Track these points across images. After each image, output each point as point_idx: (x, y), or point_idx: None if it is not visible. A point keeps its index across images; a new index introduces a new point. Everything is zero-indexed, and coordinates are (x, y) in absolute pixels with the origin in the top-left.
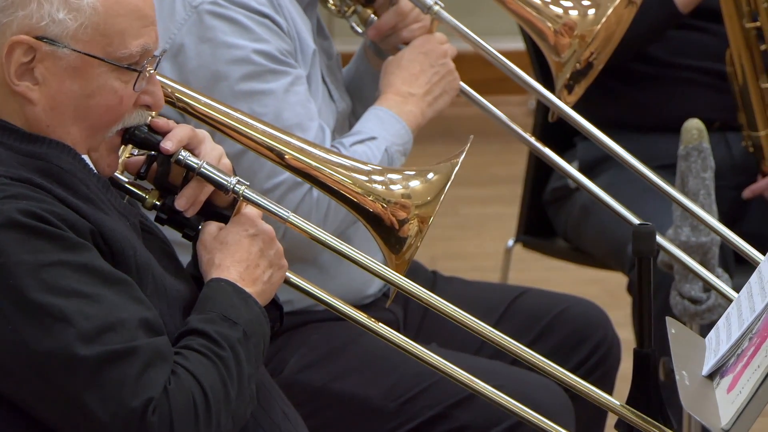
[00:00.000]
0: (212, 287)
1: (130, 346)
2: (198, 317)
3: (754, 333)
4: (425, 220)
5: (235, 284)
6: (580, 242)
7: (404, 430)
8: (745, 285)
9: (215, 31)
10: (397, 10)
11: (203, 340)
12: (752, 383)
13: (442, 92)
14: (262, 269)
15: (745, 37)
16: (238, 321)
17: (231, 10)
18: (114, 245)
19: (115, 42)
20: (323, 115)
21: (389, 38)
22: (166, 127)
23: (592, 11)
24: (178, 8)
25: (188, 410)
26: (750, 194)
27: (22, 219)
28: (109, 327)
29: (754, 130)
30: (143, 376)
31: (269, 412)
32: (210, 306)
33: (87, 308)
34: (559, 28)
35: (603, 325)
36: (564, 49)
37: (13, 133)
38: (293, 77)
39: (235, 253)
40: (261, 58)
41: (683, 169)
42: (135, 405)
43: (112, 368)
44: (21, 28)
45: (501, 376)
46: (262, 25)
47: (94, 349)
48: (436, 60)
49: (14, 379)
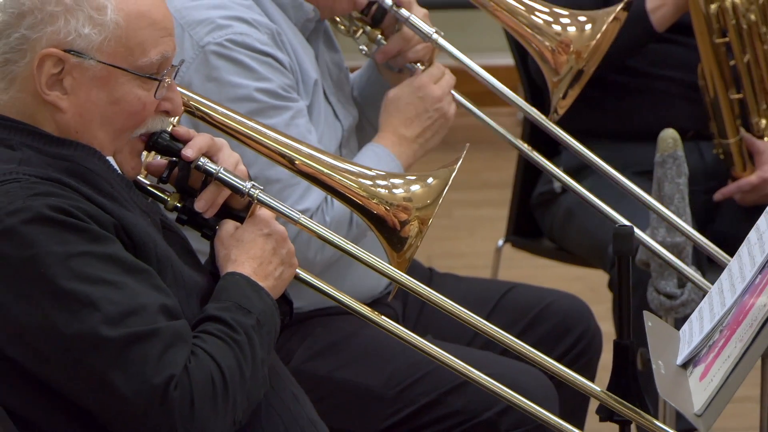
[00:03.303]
0: (228, 279)
1: (152, 329)
2: (215, 305)
3: (725, 326)
4: (425, 221)
5: (249, 277)
6: (564, 242)
7: (402, 415)
8: (716, 282)
9: (220, 71)
10: (402, 36)
11: (220, 325)
12: (723, 372)
13: (433, 134)
14: (274, 266)
15: (715, 52)
16: (251, 310)
17: (235, 51)
18: (136, 238)
19: (136, 53)
20: (326, 137)
21: (396, 59)
22: (187, 135)
23: (589, 26)
24: (187, 47)
25: (207, 387)
26: (721, 197)
27: (51, 214)
28: (132, 311)
29: (725, 138)
30: (164, 355)
31: (280, 393)
32: (225, 296)
33: (111, 294)
34: (556, 46)
35: (585, 318)
36: (561, 67)
37: (44, 138)
38: (294, 111)
39: (249, 249)
40: (263, 96)
41: (659, 175)
42: (157, 382)
43: (135, 348)
44: (50, 42)
45: (491, 364)
46: (265, 64)
47: (118, 331)
48: (431, 105)
49: (46, 359)
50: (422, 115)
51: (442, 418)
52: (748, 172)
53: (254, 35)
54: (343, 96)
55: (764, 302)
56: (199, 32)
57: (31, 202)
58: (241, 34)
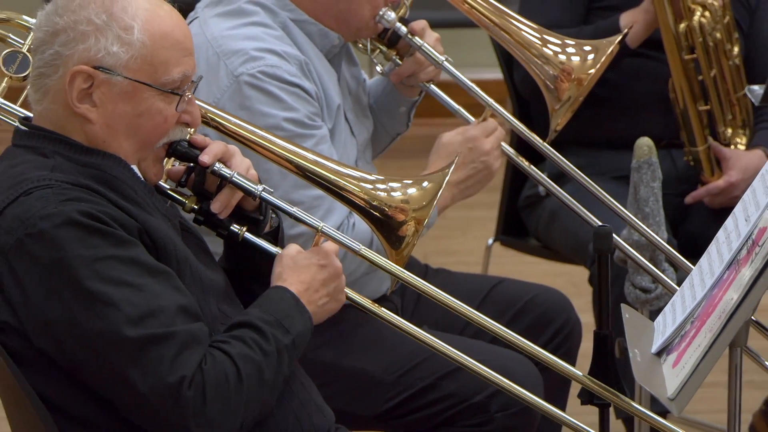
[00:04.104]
0: (277, 292)
1: (168, 331)
2: (258, 315)
3: (696, 317)
4: (421, 221)
5: (298, 298)
6: (548, 241)
7: (401, 398)
8: (687, 277)
9: (252, 100)
10: (415, 60)
11: (256, 335)
12: (694, 359)
13: (475, 183)
14: (320, 295)
15: (684, 67)
16: (290, 330)
17: (266, 83)
18: (158, 242)
19: (160, 70)
20: (346, 155)
21: (410, 78)
22: (203, 143)
23: (591, 57)
24: (222, 76)
25: (221, 387)
26: (691, 200)
27: (80, 218)
28: (150, 313)
29: (694, 146)
30: (179, 357)
31: (289, 381)
32: (271, 307)
33: (133, 296)
34: (559, 74)
35: (567, 309)
36: (563, 94)
37: (74, 147)
38: (317, 138)
39: (300, 274)
40: (290, 125)
41: (635, 180)
42: (171, 381)
43: (152, 349)
44: (81, 59)
45: (482, 351)
46: (293, 95)
47: (137, 332)
48: (478, 156)
49: (71, 353)
50: (468, 164)
51: (437, 401)
52: (716, 177)
53: (284, 67)
54: (360, 109)
55: (731, 296)
56: (233, 62)
57: (63, 207)
58: (272, 66)
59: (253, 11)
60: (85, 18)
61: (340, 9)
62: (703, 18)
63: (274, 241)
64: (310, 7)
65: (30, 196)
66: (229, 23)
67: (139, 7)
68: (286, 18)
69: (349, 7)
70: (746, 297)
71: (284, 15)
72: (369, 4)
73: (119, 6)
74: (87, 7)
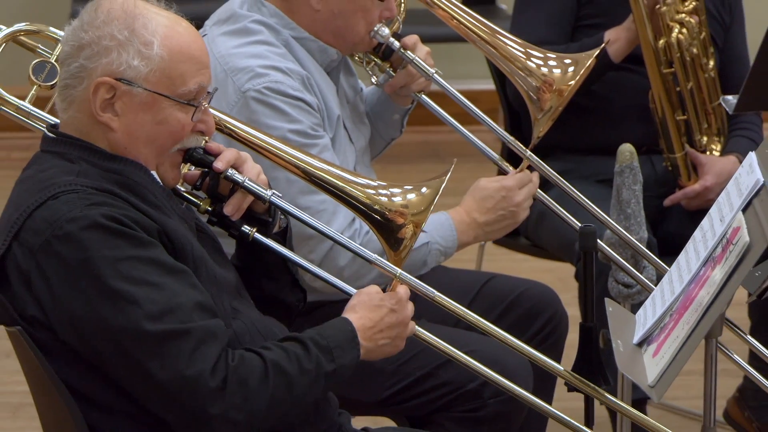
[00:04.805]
0: (341, 322)
1: (186, 327)
2: (312, 335)
3: (674, 311)
4: (419, 225)
5: (357, 334)
6: (537, 240)
7: (400, 386)
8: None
9: (258, 114)
10: (407, 72)
11: (301, 350)
12: (672, 349)
13: (499, 229)
14: (382, 336)
15: (663, 80)
16: (336, 360)
17: (271, 97)
18: (176, 242)
19: (177, 82)
20: (345, 160)
21: (402, 89)
22: (217, 150)
23: (571, 69)
24: (230, 92)
25: (242, 384)
26: (669, 203)
27: (104, 221)
28: (169, 310)
29: (672, 153)
30: (196, 351)
31: None
32: (327, 333)
33: (153, 294)
34: (541, 85)
35: (554, 303)
36: (545, 104)
37: (98, 154)
38: (320, 147)
39: (371, 312)
40: (295, 136)
41: (618, 183)
42: (188, 374)
43: (171, 343)
44: (104, 71)
45: (476, 343)
46: (296, 107)
47: (157, 327)
48: (508, 205)
49: (94, 347)
50: (498, 211)
51: (434, 388)
52: (693, 182)
53: (287, 82)
54: (357, 116)
55: (707, 291)
56: (240, 79)
57: (88, 210)
58: (277, 82)
59: (257, 30)
60: (109, 33)
61: (337, 25)
62: (680, 35)
63: (282, 242)
64: (310, 25)
65: (57, 199)
66: (235, 41)
67: (159, 24)
68: (288, 36)
69: (345, 24)
70: (721, 292)
71: (286, 33)
72: (364, 20)
73: (140, 23)
74: (110, 23)
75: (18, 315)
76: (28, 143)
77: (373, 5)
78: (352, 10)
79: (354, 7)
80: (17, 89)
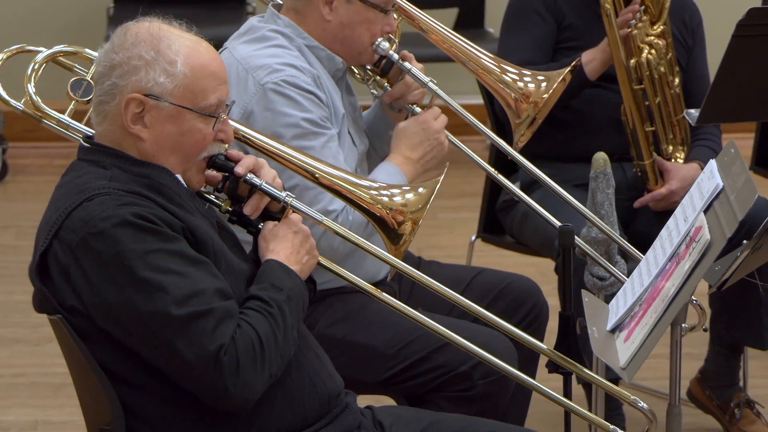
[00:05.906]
0: (265, 265)
1: (208, 308)
2: (256, 287)
3: (643, 301)
4: (416, 222)
5: (281, 262)
6: (521, 238)
7: (398, 368)
8: (636, 268)
9: (275, 103)
10: (404, 82)
11: (258, 302)
12: (642, 335)
13: (432, 158)
14: (301, 255)
15: (634, 95)
16: (282, 287)
17: (286, 89)
18: (198, 237)
19: (199, 97)
20: (348, 158)
21: (398, 100)
22: (238, 156)
23: (544, 84)
24: (250, 85)
25: (249, 351)
26: (639, 205)
27: (133, 219)
28: (193, 294)
29: (641, 160)
30: (217, 329)
31: (306, 353)
32: (263, 278)
33: (178, 281)
34: (519, 97)
35: (536, 294)
36: (522, 113)
37: (129, 160)
38: (328, 137)
39: (283, 242)
40: (307, 124)
41: (593, 187)
42: (212, 349)
43: (196, 323)
44: (134, 88)
45: (466, 329)
46: (309, 100)
47: (183, 310)
48: (431, 135)
49: (128, 331)
50: (424, 142)
51: (429, 371)
52: (659, 186)
53: (301, 77)
54: (358, 129)
55: (673, 283)
56: (259, 74)
57: (119, 210)
58: (292, 76)
59: (273, 37)
60: (137, 54)
61: (344, 35)
62: (650, 55)
63: None
64: (320, 34)
65: (92, 201)
66: (254, 47)
67: (182, 44)
68: (301, 43)
69: (352, 34)
70: (685, 284)
71: (299, 41)
72: (368, 31)
73: (165, 44)
74: (138, 45)
75: (59, 304)
76: (68, 152)
77: (376, 18)
78: (358, 21)
79: (360, 19)
80: (57, 104)
